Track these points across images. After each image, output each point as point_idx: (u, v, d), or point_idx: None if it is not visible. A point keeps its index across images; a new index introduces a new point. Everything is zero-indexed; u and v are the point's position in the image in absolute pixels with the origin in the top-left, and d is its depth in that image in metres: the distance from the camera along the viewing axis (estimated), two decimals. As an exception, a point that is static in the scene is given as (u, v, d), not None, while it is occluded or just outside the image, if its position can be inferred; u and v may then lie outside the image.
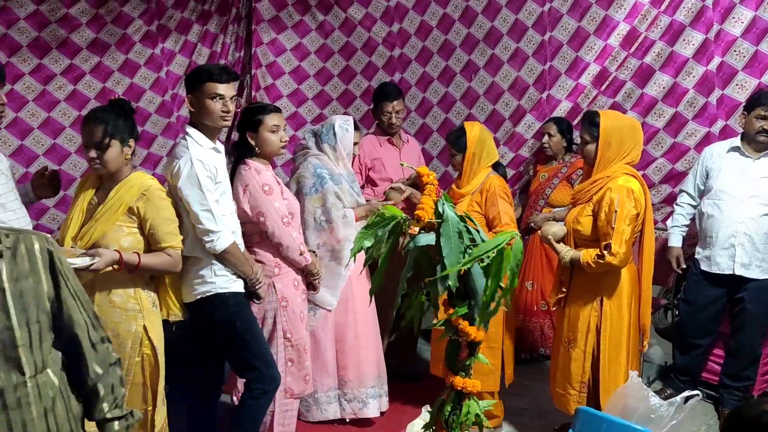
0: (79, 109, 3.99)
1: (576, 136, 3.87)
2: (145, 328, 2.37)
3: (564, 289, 2.89)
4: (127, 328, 2.34)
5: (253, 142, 2.83)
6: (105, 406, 1.52)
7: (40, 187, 2.61)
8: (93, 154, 2.29)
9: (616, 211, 2.65)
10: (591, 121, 2.81)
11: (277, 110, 2.88)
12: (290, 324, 2.87)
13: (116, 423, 1.54)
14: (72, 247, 2.28)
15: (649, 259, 2.84)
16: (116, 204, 2.31)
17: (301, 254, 2.85)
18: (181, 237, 2.44)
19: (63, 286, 1.43)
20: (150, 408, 2.41)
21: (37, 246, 1.39)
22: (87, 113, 2.39)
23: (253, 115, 2.83)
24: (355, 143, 3.33)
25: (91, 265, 2.17)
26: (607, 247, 2.66)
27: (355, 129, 3.29)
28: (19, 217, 2.40)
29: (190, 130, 2.54)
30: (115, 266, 2.26)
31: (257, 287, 2.65)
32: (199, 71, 2.54)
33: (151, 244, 2.38)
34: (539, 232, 3.24)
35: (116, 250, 2.26)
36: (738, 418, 1.52)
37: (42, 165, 3.90)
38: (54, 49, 3.91)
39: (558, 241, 2.89)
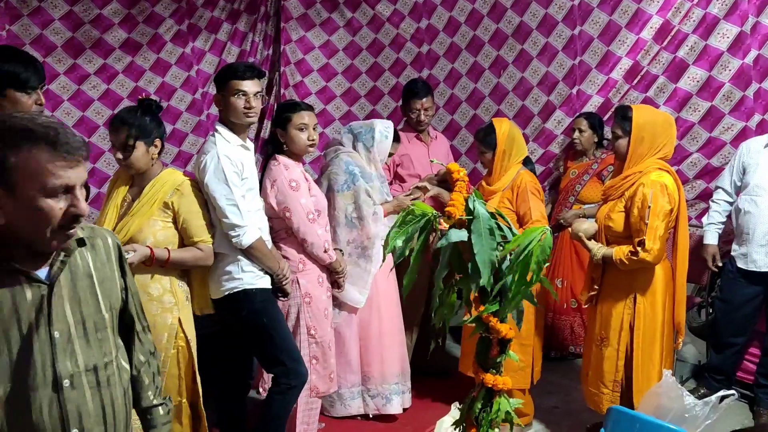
0: (112, 108, 4.06)
1: (607, 131, 3.81)
2: (179, 320, 2.43)
3: (596, 287, 2.85)
4: (163, 321, 2.39)
5: (281, 139, 2.85)
6: (150, 394, 1.60)
7: None
8: (119, 155, 2.36)
9: (649, 207, 2.61)
10: (624, 115, 2.77)
11: (309, 108, 2.88)
12: (314, 320, 2.89)
13: (161, 408, 1.62)
14: None
15: (684, 257, 2.79)
16: (151, 199, 2.37)
17: (325, 251, 2.86)
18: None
19: (128, 279, 1.53)
20: (185, 400, 2.46)
21: (110, 240, 1.49)
22: (113, 117, 2.45)
23: (283, 112, 2.86)
24: (391, 153, 3.33)
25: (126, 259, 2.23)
26: (641, 243, 2.62)
27: (394, 139, 3.29)
28: (57, 215, 2.45)
29: (219, 127, 2.58)
30: (146, 261, 2.32)
31: (284, 283, 2.67)
32: (225, 69, 2.59)
33: (184, 238, 2.44)
34: (569, 229, 3.20)
35: (148, 246, 2.32)
36: None
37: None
38: (88, 49, 3.98)
39: (589, 239, 2.85)
